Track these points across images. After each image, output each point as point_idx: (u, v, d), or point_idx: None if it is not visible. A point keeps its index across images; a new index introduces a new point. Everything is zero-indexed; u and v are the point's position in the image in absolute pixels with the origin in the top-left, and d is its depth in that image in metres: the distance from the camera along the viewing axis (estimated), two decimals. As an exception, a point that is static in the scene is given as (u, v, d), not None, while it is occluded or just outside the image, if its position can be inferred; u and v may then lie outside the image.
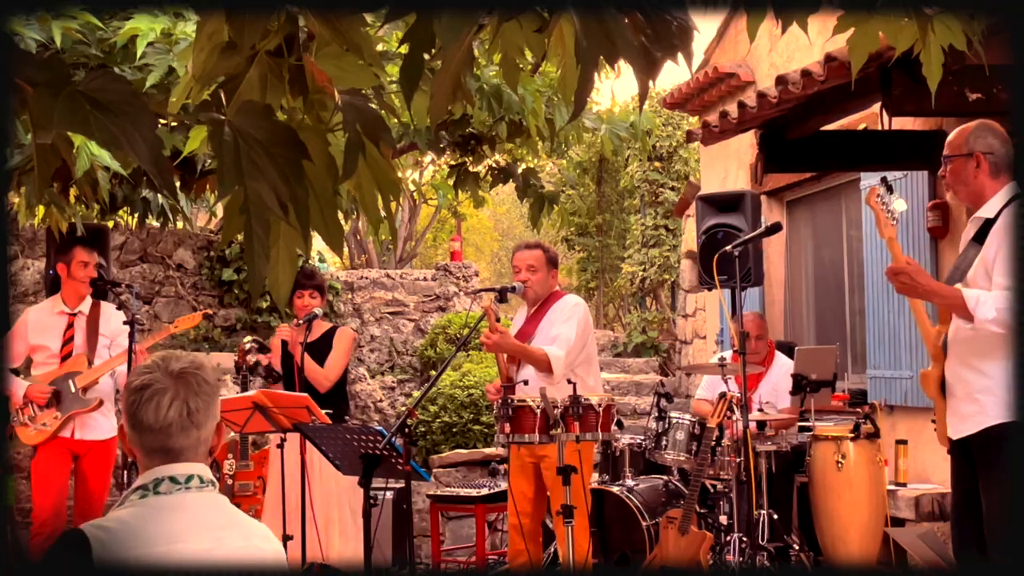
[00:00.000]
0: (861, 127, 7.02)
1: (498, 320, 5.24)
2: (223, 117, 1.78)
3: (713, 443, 5.92)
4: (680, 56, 1.71)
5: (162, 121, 4.40)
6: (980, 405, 3.96)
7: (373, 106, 2.00)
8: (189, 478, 2.10)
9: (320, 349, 6.11)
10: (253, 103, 1.85)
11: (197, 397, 2.11)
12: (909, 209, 6.76)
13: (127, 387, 2.14)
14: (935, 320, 4.27)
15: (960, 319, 3.99)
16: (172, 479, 2.09)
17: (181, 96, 2.14)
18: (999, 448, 3.91)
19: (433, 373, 10.26)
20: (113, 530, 2.00)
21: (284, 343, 6.13)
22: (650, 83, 1.70)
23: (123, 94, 1.66)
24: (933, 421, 4.29)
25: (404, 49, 1.80)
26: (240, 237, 1.79)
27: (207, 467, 2.15)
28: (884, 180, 4.25)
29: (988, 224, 4.02)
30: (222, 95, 1.97)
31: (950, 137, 4.17)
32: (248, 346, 6.09)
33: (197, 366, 2.15)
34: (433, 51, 1.79)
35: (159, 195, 6.32)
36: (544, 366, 5.30)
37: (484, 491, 6.78)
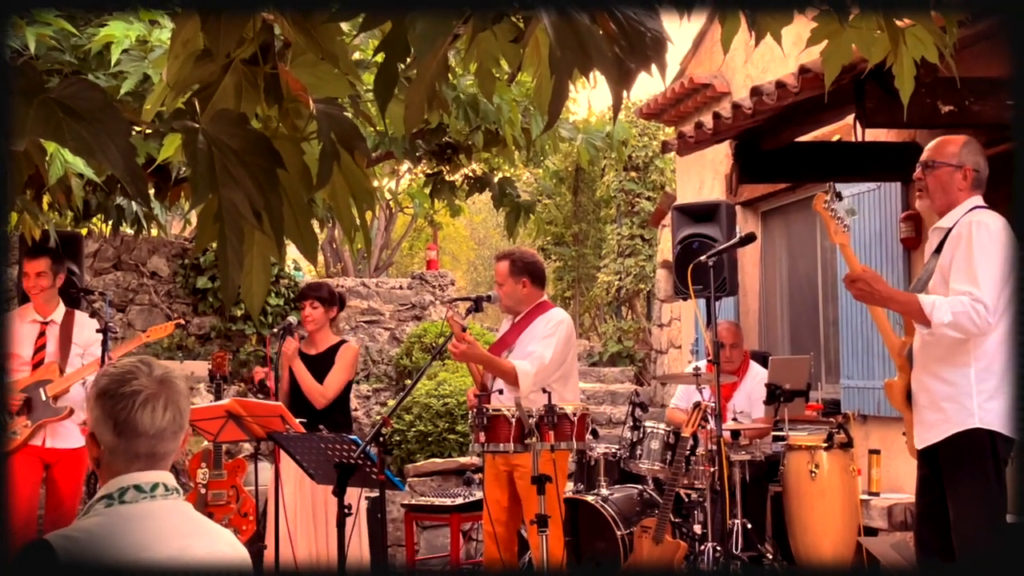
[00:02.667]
0: (835, 138, 7.06)
1: (464, 330, 5.22)
2: (197, 125, 1.78)
3: (688, 452, 5.95)
4: (654, 67, 1.72)
5: (136, 128, 4.37)
6: (944, 413, 3.99)
7: (348, 115, 2.00)
8: (154, 486, 2.07)
9: (322, 364, 5.98)
10: (227, 111, 1.85)
11: (182, 401, 2.13)
12: (882, 220, 6.80)
13: (105, 391, 2.07)
14: (901, 331, 4.30)
15: (918, 325, 4.02)
16: (137, 487, 2.06)
17: (156, 104, 2.14)
18: (964, 455, 3.94)
19: (408, 382, 10.24)
20: (79, 540, 1.98)
21: (302, 354, 6.03)
22: (624, 94, 1.71)
23: (96, 102, 1.66)
24: (904, 433, 4.31)
25: (380, 58, 1.80)
26: (214, 245, 1.78)
27: (171, 474, 2.14)
28: (832, 186, 4.26)
29: (948, 234, 4.07)
30: (196, 103, 1.97)
31: (938, 145, 4.15)
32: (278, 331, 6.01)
33: (173, 372, 2.15)
34: (408, 60, 1.79)
35: (133, 202, 6.27)
36: (511, 379, 5.25)
37: (459, 500, 6.76)
